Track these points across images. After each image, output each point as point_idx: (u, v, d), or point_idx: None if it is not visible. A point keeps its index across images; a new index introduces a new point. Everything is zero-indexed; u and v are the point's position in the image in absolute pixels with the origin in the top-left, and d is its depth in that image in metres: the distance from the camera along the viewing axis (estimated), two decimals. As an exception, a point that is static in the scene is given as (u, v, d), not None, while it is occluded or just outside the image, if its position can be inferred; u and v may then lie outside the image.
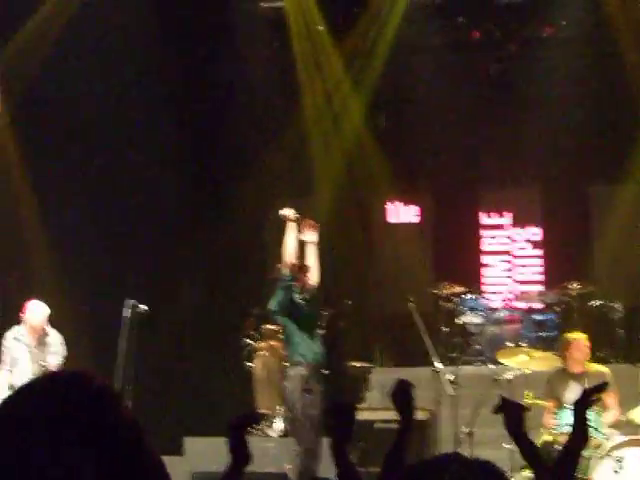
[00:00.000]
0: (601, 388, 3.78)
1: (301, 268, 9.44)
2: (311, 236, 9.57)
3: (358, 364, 12.85)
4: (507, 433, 3.83)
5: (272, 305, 9.47)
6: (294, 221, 9.47)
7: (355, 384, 12.61)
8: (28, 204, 12.78)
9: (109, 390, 1.64)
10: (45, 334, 9.77)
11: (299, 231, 9.49)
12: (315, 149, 14.88)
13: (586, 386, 9.30)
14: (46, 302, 9.83)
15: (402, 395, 4.11)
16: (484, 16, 14.93)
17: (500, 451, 8.48)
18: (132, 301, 10.03)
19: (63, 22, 12.77)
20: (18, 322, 9.79)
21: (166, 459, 1.65)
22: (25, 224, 12.69)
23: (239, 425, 3.51)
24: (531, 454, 3.76)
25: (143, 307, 10.06)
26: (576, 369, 9.63)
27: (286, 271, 9.34)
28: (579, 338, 9.97)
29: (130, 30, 12.78)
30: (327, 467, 8.90)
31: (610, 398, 9.60)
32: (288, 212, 9.53)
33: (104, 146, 13.00)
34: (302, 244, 9.55)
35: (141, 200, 13.24)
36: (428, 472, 2.19)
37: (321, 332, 10.98)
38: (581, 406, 3.54)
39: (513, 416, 3.76)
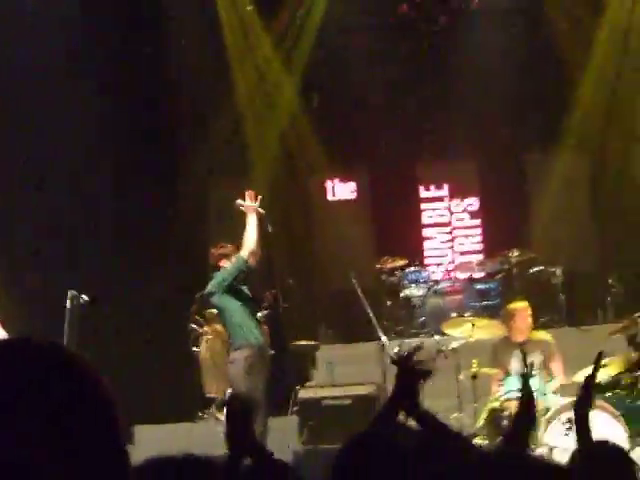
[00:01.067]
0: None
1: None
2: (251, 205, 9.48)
3: (303, 342, 12.86)
4: (456, 404, 3.89)
5: (211, 287, 9.43)
6: (253, 211, 9.39)
7: (301, 363, 12.63)
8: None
9: (80, 360, 1.43)
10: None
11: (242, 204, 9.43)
12: (249, 130, 14.83)
13: (530, 354, 9.46)
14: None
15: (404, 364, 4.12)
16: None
17: (448, 422, 8.53)
18: (73, 292, 9.93)
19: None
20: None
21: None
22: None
23: None
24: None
25: (85, 298, 9.95)
26: (520, 338, 9.74)
27: (246, 257, 9.25)
28: (521, 308, 10.08)
29: (59, 17, 12.68)
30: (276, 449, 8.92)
31: (555, 364, 9.75)
32: (246, 202, 9.45)
33: (44, 134, 12.84)
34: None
35: (80, 188, 13.11)
36: (371, 440, 2.21)
37: (264, 312, 10.97)
38: (525, 378, 3.61)
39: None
